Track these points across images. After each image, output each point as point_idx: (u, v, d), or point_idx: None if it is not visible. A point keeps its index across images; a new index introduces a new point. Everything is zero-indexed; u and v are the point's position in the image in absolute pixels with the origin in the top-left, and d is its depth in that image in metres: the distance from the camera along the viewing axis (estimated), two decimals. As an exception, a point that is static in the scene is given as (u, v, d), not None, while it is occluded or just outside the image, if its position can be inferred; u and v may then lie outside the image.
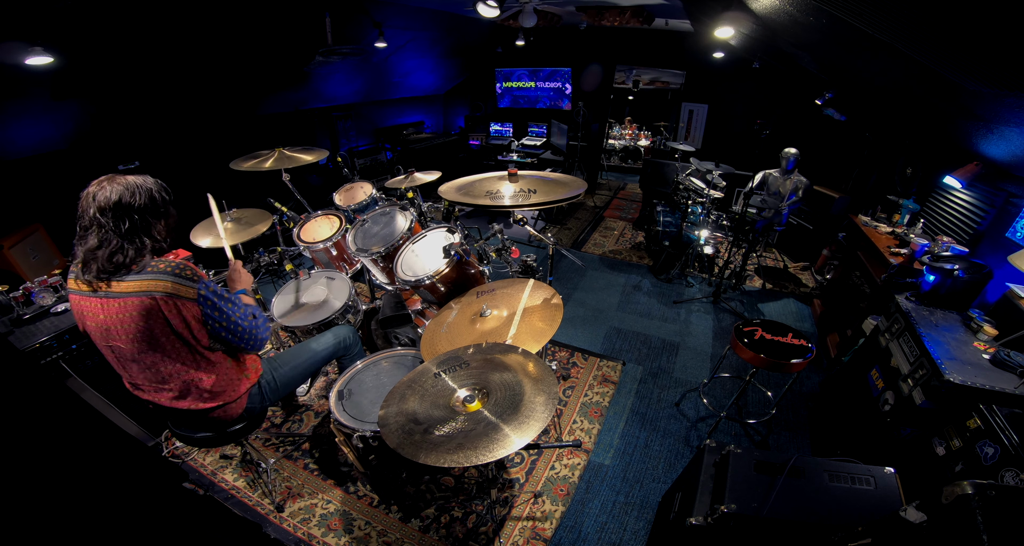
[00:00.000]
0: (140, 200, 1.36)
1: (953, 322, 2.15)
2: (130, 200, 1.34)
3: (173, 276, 1.36)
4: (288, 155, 2.83)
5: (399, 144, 6.60)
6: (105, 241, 1.32)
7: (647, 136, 7.93)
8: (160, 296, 1.34)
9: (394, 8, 4.33)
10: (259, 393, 1.79)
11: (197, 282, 1.40)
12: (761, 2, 2.39)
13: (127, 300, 1.34)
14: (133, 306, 1.34)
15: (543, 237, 2.26)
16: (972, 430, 1.66)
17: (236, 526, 2.09)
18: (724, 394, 2.98)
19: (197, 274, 1.42)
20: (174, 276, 1.36)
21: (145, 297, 1.33)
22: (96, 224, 1.33)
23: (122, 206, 1.33)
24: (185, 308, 1.39)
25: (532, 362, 1.55)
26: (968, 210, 2.83)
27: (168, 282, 1.35)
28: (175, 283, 1.36)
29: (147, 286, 1.33)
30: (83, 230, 1.35)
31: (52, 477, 1.56)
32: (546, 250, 3.39)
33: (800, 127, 5.11)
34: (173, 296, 1.36)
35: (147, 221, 1.38)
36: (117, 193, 1.33)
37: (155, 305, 1.35)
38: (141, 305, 1.34)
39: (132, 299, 1.34)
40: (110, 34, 2.77)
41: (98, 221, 1.32)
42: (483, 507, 2.18)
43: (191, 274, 1.39)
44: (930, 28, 1.42)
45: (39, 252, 3.25)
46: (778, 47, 3.70)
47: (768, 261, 4.89)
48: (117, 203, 1.32)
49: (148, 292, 1.33)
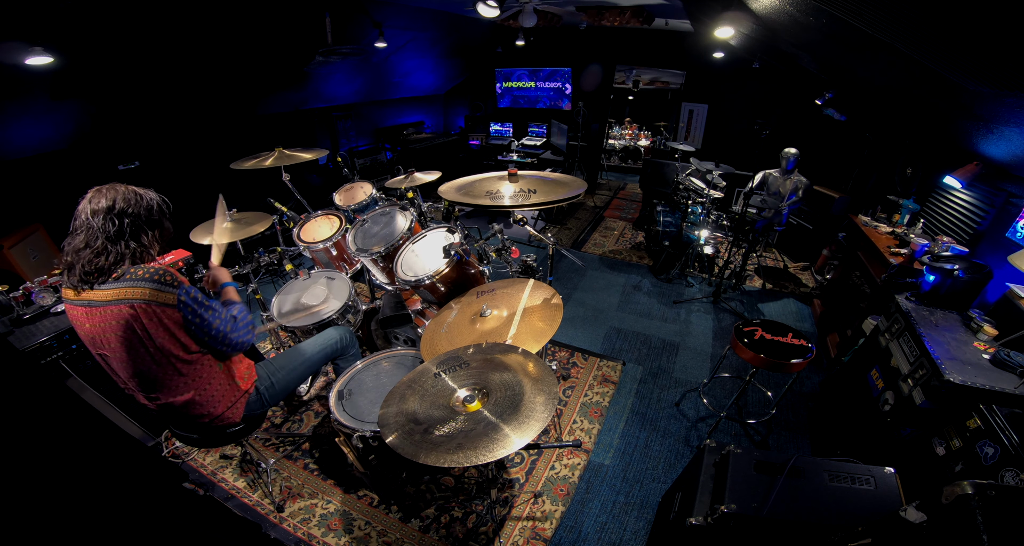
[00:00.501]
0: (134, 207, 1.38)
1: (953, 322, 2.15)
2: (123, 206, 1.37)
3: (152, 282, 1.35)
4: (288, 154, 2.83)
5: (399, 144, 6.60)
6: (91, 241, 1.34)
7: (647, 136, 7.93)
8: (139, 304, 1.34)
9: (394, 8, 4.33)
10: (258, 399, 1.80)
11: (177, 288, 1.40)
12: (761, 2, 2.39)
13: (107, 309, 1.34)
14: (113, 316, 1.34)
15: (543, 237, 2.26)
16: (972, 430, 1.66)
17: (236, 526, 2.09)
18: (724, 394, 2.98)
19: (177, 279, 1.41)
20: (152, 282, 1.35)
21: (124, 306, 1.33)
22: (86, 226, 1.35)
23: (114, 210, 1.35)
24: (165, 314, 1.38)
25: (532, 362, 1.55)
26: (968, 210, 2.83)
27: (146, 289, 1.34)
28: (153, 289, 1.35)
29: (125, 293, 1.33)
30: (73, 231, 1.37)
31: (52, 477, 1.56)
32: (546, 250, 3.39)
33: (800, 127, 5.11)
34: (152, 303, 1.35)
35: (137, 227, 1.39)
36: (112, 198, 1.36)
37: (134, 314, 1.34)
38: (120, 315, 1.34)
39: (112, 308, 1.33)
40: (110, 34, 2.77)
41: (88, 223, 1.34)
42: (483, 507, 2.18)
43: (171, 280, 1.39)
44: (930, 28, 1.42)
45: (39, 252, 3.25)
46: (778, 47, 3.70)
47: (768, 261, 4.89)
48: (110, 207, 1.35)
49: (127, 300, 1.33)
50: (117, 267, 1.35)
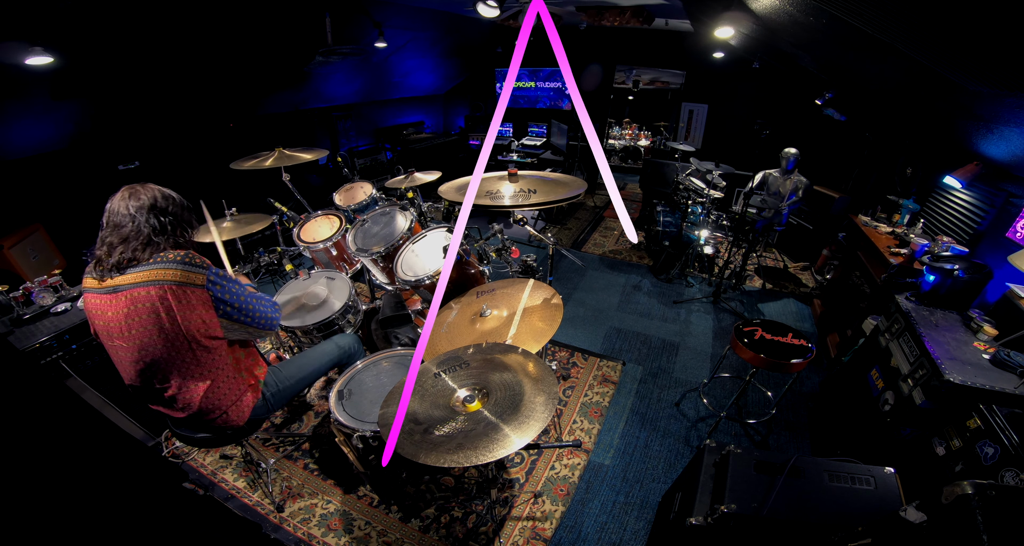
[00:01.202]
0: (173, 206, 1.47)
1: (953, 322, 2.15)
2: (164, 204, 1.44)
3: (182, 264, 1.40)
4: (288, 154, 2.83)
5: (399, 144, 6.60)
6: (135, 235, 1.39)
7: (647, 136, 7.93)
8: (169, 285, 1.37)
9: (394, 8, 4.33)
10: (264, 405, 1.80)
11: (206, 269, 1.44)
12: (761, 2, 2.39)
13: (135, 292, 1.36)
14: (140, 298, 1.36)
15: (543, 237, 2.26)
16: (972, 430, 1.66)
17: (236, 526, 2.08)
18: (724, 394, 2.98)
19: (205, 261, 1.46)
20: (183, 264, 1.40)
21: (153, 287, 1.36)
22: (132, 219, 1.39)
23: (156, 207, 1.42)
24: (195, 295, 1.41)
25: (532, 362, 1.55)
26: (968, 210, 2.83)
27: (178, 270, 1.38)
28: (184, 270, 1.39)
29: (156, 275, 1.36)
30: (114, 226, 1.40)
31: (52, 477, 1.56)
32: (546, 250, 3.39)
33: (800, 127, 5.11)
34: (183, 284, 1.38)
35: (176, 224, 1.46)
36: (152, 197, 1.43)
37: (162, 295, 1.36)
38: (148, 297, 1.36)
39: (140, 290, 1.36)
40: (110, 34, 2.77)
41: (133, 217, 1.39)
42: (483, 507, 2.18)
43: (200, 262, 1.44)
44: (930, 28, 1.42)
45: (39, 252, 3.25)
46: (778, 47, 3.71)
47: (768, 261, 4.89)
48: (152, 205, 1.42)
49: (157, 281, 1.36)
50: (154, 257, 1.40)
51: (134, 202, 1.40)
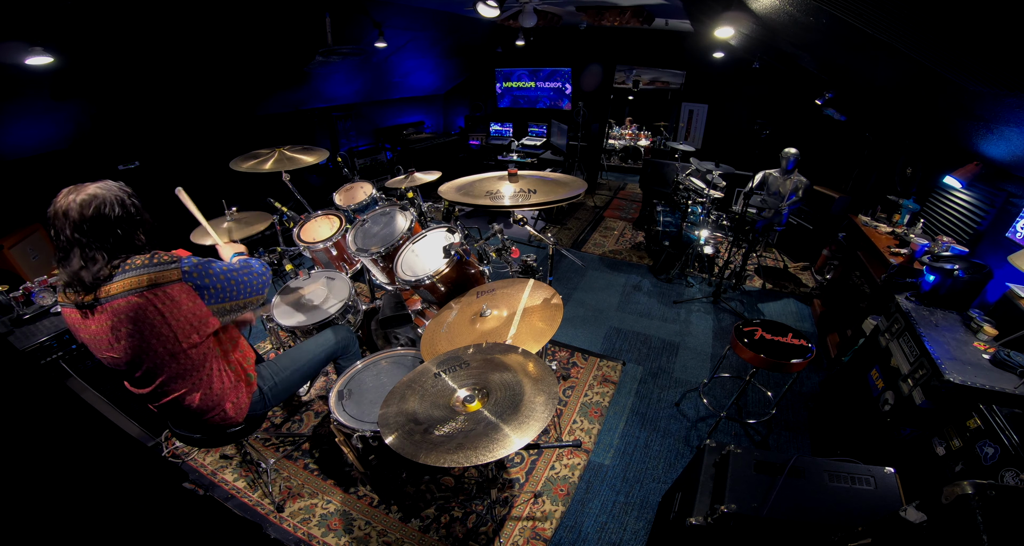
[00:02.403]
0: (115, 211, 1.31)
1: (953, 322, 2.15)
2: (107, 212, 1.30)
3: (151, 267, 1.34)
4: (288, 156, 2.83)
5: (399, 144, 6.59)
6: (89, 260, 1.29)
7: (647, 136, 7.94)
8: (146, 292, 1.33)
9: (394, 8, 4.33)
10: (261, 399, 1.79)
11: (177, 261, 1.39)
12: (761, 2, 2.39)
13: (114, 304, 1.32)
14: (121, 310, 1.32)
15: (543, 237, 2.26)
16: (972, 430, 1.66)
17: (236, 526, 2.09)
18: (724, 394, 2.98)
19: (173, 255, 1.41)
20: (152, 266, 1.35)
21: (132, 296, 1.32)
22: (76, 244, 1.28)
23: (100, 220, 1.28)
24: (175, 290, 1.37)
25: (532, 362, 1.55)
26: (968, 210, 2.83)
27: (147, 274, 1.33)
28: (152, 273, 1.34)
29: (130, 284, 1.31)
30: (63, 252, 1.30)
31: (52, 477, 1.56)
32: (546, 250, 3.39)
33: (800, 127, 5.10)
34: (156, 285, 1.34)
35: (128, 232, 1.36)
36: (89, 207, 1.27)
37: (144, 303, 1.33)
38: (129, 306, 1.32)
39: (119, 301, 1.31)
40: (110, 34, 2.76)
41: (78, 241, 1.28)
42: (483, 507, 2.18)
43: (168, 258, 1.38)
44: (930, 28, 1.42)
45: (39, 252, 3.25)
46: (778, 47, 3.70)
47: (768, 261, 4.89)
48: (93, 218, 1.28)
49: (133, 290, 1.32)
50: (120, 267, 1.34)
51: (71, 220, 1.26)
